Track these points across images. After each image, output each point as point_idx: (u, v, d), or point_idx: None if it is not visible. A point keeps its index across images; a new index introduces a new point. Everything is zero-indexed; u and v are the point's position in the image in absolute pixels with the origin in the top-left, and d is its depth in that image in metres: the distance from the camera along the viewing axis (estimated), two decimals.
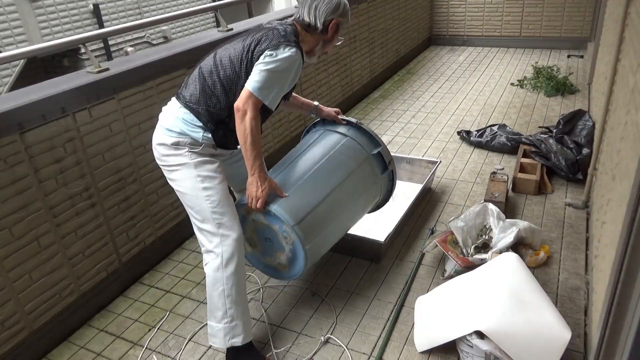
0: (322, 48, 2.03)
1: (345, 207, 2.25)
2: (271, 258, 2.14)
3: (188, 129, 1.87)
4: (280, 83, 1.85)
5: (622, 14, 2.54)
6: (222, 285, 1.90)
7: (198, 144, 1.88)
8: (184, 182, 1.90)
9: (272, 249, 2.11)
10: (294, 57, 1.83)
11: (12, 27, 6.16)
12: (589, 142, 3.29)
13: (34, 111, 2.02)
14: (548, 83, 4.93)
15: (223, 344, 1.97)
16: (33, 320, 2.13)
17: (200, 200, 1.88)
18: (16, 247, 2.01)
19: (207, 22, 8.88)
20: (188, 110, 1.88)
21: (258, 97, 1.78)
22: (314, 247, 2.06)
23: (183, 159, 1.88)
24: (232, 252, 1.89)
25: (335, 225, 2.19)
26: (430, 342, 2.04)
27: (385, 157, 2.40)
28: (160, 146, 1.91)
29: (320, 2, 1.94)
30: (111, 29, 2.77)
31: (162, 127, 1.91)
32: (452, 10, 6.94)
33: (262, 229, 2.08)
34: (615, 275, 1.50)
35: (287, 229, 1.98)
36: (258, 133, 1.82)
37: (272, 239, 2.07)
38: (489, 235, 2.51)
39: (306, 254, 2.01)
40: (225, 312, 1.93)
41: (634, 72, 1.94)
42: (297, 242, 1.99)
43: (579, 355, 1.99)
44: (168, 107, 1.97)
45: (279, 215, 1.96)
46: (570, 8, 6.21)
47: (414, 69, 6.12)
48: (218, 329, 1.96)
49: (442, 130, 4.24)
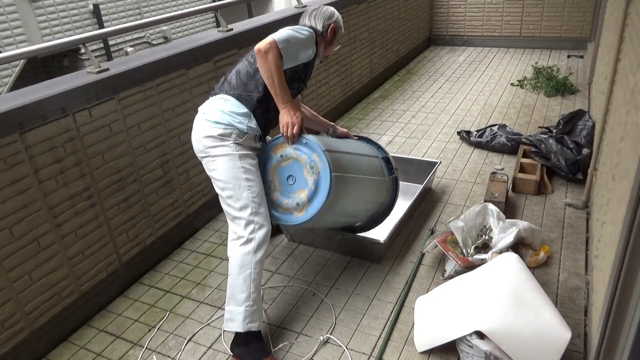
0: (324, 50, 2.31)
1: (363, 173, 2.35)
2: (289, 200, 2.14)
3: (233, 120, 2.06)
4: (296, 47, 2.07)
5: (622, 14, 2.54)
6: (250, 269, 2.01)
7: (242, 134, 2.07)
8: (227, 172, 2.05)
9: (292, 189, 2.15)
10: (312, 37, 2.15)
11: (12, 27, 6.17)
12: (589, 142, 3.29)
13: (34, 111, 2.02)
14: (548, 83, 4.93)
15: (241, 328, 2.02)
16: (33, 321, 2.13)
17: (242, 190, 2.04)
18: (16, 247, 2.01)
19: (207, 22, 8.89)
20: (231, 97, 2.09)
21: (278, 43, 1.99)
22: (336, 186, 2.10)
23: (228, 149, 2.05)
24: (263, 240, 2.05)
25: (352, 185, 2.26)
26: (430, 342, 2.04)
27: (393, 163, 2.63)
28: (206, 139, 2.07)
29: (318, 11, 2.28)
30: (111, 29, 2.77)
31: (207, 120, 2.08)
32: (452, 11, 6.94)
33: (287, 167, 2.14)
34: (615, 275, 1.50)
35: (316, 159, 2.08)
36: (281, 71, 2.02)
37: (296, 176, 2.13)
38: (489, 236, 2.51)
39: (331, 182, 2.06)
40: (249, 296, 2.01)
41: (634, 72, 1.94)
42: (324, 169, 2.06)
43: (579, 355, 1.99)
44: (208, 104, 2.15)
45: (310, 141, 2.08)
46: (570, 8, 6.21)
47: (414, 69, 6.12)
48: (238, 312, 2.02)
49: (442, 130, 4.24)
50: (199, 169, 2.95)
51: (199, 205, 3.00)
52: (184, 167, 2.84)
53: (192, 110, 2.81)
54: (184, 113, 2.77)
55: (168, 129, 2.68)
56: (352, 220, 2.56)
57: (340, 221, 2.49)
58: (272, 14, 4.01)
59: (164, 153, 2.68)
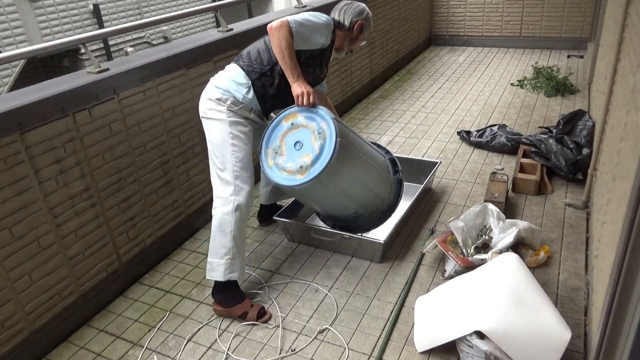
0: (348, 45, 2.44)
1: (367, 157, 2.46)
2: (294, 163, 2.25)
3: (231, 87, 2.24)
4: (310, 30, 2.20)
5: (622, 14, 2.54)
6: (230, 227, 2.22)
7: (237, 102, 2.24)
8: (216, 134, 2.24)
9: (298, 154, 2.26)
10: (329, 23, 2.28)
11: (12, 27, 6.17)
12: (589, 142, 3.29)
13: (34, 111, 2.02)
14: (548, 83, 4.93)
15: (222, 277, 2.25)
16: (33, 321, 2.13)
17: (227, 153, 2.22)
18: (16, 247, 2.01)
19: (207, 22, 8.89)
20: (238, 67, 2.27)
21: (291, 23, 2.13)
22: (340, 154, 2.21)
23: (221, 115, 2.22)
24: (243, 202, 2.23)
25: (355, 163, 2.36)
26: (430, 342, 2.04)
27: (399, 165, 2.76)
28: (207, 100, 2.26)
29: (349, 6, 2.39)
30: (111, 29, 2.77)
31: (212, 84, 2.29)
32: (452, 11, 6.94)
33: (296, 134, 2.28)
34: (615, 275, 1.50)
35: (324, 126, 2.23)
36: (291, 48, 2.16)
37: (303, 142, 2.26)
38: (489, 236, 2.51)
39: (336, 146, 2.18)
40: (229, 250, 2.23)
41: (634, 72, 1.94)
42: (330, 136, 2.20)
43: (579, 355, 1.99)
44: (222, 70, 2.34)
45: (321, 110, 2.26)
46: (570, 8, 6.21)
47: (414, 69, 6.12)
48: (219, 264, 2.25)
49: (442, 130, 4.24)
50: (199, 169, 2.95)
51: (198, 206, 3.00)
52: (184, 167, 2.84)
53: (192, 110, 2.81)
54: (184, 113, 2.77)
55: (168, 129, 2.68)
56: (350, 205, 2.53)
57: (338, 201, 2.48)
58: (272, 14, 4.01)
59: (164, 153, 2.68)
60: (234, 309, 2.28)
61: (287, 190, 2.39)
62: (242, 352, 2.13)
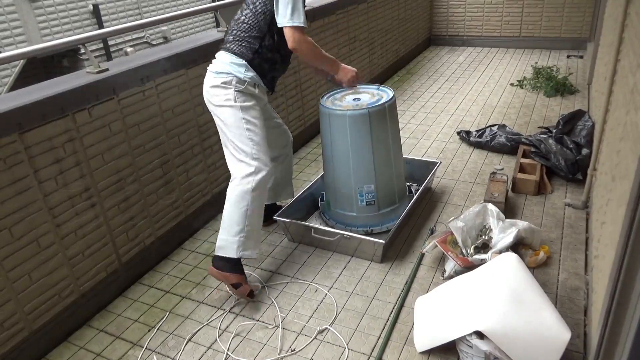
0: None
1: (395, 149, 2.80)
2: (351, 103, 2.65)
3: (232, 69, 2.27)
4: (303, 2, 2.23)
5: (621, 15, 2.54)
6: (247, 206, 2.26)
7: (242, 82, 2.27)
8: (230, 120, 2.28)
9: (354, 103, 2.64)
10: None
11: (11, 27, 6.16)
12: (588, 142, 3.29)
13: (34, 111, 2.02)
14: (548, 83, 4.93)
15: (234, 254, 2.28)
16: (33, 321, 2.13)
17: (243, 138, 2.27)
18: (16, 247, 2.01)
19: (207, 22, 8.88)
20: (229, 52, 2.29)
21: (297, 25, 2.19)
22: (390, 112, 2.66)
23: (230, 99, 2.26)
24: (262, 182, 2.28)
25: (389, 140, 2.71)
26: (430, 342, 2.04)
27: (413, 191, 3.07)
28: (212, 88, 2.31)
29: None
30: (111, 29, 2.77)
31: (211, 72, 2.33)
32: (451, 11, 6.94)
33: (355, 95, 2.72)
34: (615, 275, 1.50)
35: (383, 91, 2.75)
36: (318, 50, 2.34)
37: (361, 98, 2.69)
38: (488, 236, 2.51)
39: (393, 98, 2.65)
40: (243, 229, 2.27)
41: (634, 73, 1.94)
42: (388, 94, 2.70)
43: (578, 355, 1.99)
44: (215, 60, 2.37)
45: (382, 85, 2.82)
46: (569, 8, 6.21)
47: (413, 69, 6.12)
48: (231, 242, 2.28)
49: (442, 130, 4.24)
50: (199, 169, 2.95)
51: (198, 206, 3.00)
52: (184, 167, 2.84)
53: (191, 110, 2.81)
54: (184, 113, 2.77)
55: (168, 129, 2.68)
56: (371, 169, 2.65)
57: (368, 159, 2.64)
58: None
59: (164, 153, 2.68)
60: (230, 276, 2.30)
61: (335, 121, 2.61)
62: (242, 352, 2.13)
